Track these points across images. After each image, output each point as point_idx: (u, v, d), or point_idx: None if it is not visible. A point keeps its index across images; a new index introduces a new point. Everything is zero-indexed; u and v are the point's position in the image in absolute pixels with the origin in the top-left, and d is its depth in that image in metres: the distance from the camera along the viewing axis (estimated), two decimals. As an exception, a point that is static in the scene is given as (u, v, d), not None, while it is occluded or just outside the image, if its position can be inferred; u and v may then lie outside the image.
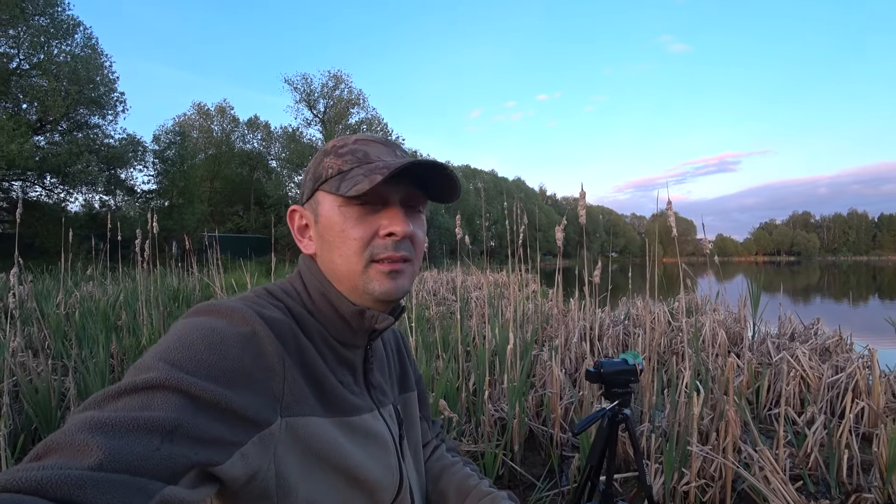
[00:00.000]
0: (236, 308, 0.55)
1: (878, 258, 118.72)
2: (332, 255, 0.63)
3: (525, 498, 2.30)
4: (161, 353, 0.48)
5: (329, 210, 0.63)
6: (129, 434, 0.40)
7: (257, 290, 0.65)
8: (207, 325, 0.52)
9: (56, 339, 3.68)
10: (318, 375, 0.59)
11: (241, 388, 0.49)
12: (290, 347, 0.57)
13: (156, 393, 0.44)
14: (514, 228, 3.84)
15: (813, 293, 16.75)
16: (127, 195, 24.31)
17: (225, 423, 0.46)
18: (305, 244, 0.68)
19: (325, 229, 0.64)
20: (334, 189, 0.62)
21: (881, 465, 2.30)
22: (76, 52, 20.23)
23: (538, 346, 4.18)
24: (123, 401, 0.43)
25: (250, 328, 0.54)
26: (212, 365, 0.48)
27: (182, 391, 0.45)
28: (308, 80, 34.79)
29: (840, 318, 5.83)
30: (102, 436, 0.39)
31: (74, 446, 0.38)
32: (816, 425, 2.60)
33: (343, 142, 0.66)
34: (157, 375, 0.45)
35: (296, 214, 0.69)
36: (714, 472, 2.18)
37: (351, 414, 0.61)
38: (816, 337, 4.29)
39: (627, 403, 1.31)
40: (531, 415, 2.97)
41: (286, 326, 0.58)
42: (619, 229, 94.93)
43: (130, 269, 8.26)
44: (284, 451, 0.52)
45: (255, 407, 0.50)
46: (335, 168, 0.63)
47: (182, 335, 0.51)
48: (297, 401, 0.55)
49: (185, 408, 0.44)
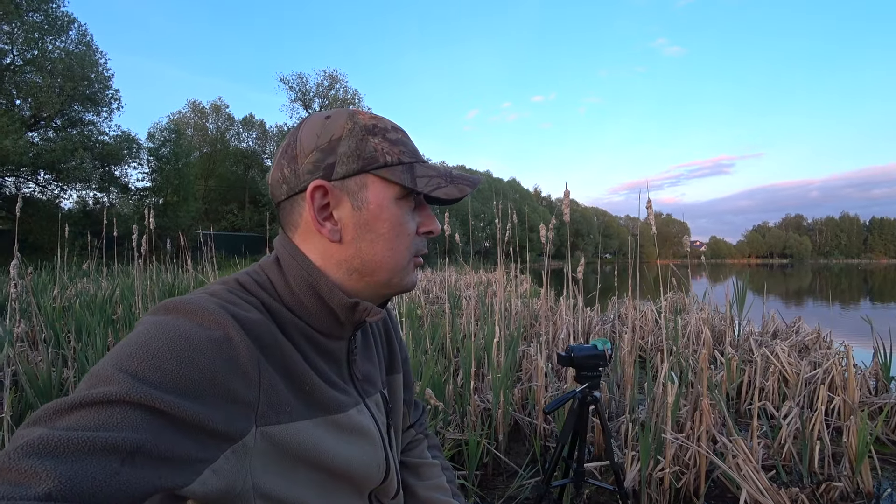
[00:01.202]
0: (207, 308, 0.50)
1: (868, 261, 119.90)
2: (376, 247, 0.59)
3: (508, 485, 2.38)
4: (121, 362, 0.43)
5: (383, 199, 0.59)
6: (84, 457, 0.36)
7: (228, 283, 0.59)
8: (175, 329, 0.47)
9: (53, 331, 3.73)
10: (299, 376, 0.56)
11: (211, 400, 0.45)
12: (268, 350, 0.53)
13: (115, 409, 0.39)
14: (503, 225, 3.93)
15: (805, 295, 16.93)
16: (121, 192, 24.25)
17: (193, 440, 0.43)
18: (330, 230, 0.59)
19: (375, 219, 0.59)
20: (405, 181, 0.58)
21: (851, 455, 2.40)
22: (70, 48, 20.20)
23: (526, 343, 4.27)
24: (77, 416, 0.38)
25: (223, 332, 0.49)
26: (179, 376, 0.43)
27: (145, 406, 0.40)
28: (303, 80, 34.93)
29: (830, 320, 5.95)
30: (52, 459, 0.35)
31: (20, 471, 0.34)
32: (791, 417, 2.69)
33: (383, 123, 0.61)
34: (117, 389, 0.40)
35: (319, 192, 0.58)
36: (689, 460, 2.27)
37: (336, 412, 0.59)
38: (797, 335, 4.40)
39: (597, 386, 1.39)
40: (517, 407, 3.06)
41: (263, 327, 0.53)
42: (613, 231, 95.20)
43: (124, 266, 8.31)
44: (261, 460, 0.50)
45: (227, 419, 0.46)
46: (394, 156, 0.59)
47: (146, 339, 0.45)
48: (274, 408, 0.51)
49: (147, 426, 0.39)
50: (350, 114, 0.60)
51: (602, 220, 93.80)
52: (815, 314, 10.48)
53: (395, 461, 0.70)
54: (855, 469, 2.35)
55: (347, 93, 35.57)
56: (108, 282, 6.45)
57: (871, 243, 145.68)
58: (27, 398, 2.54)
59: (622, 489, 1.49)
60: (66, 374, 2.83)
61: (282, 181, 0.60)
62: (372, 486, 0.65)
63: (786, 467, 2.51)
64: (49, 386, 2.59)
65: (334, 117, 0.59)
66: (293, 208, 0.60)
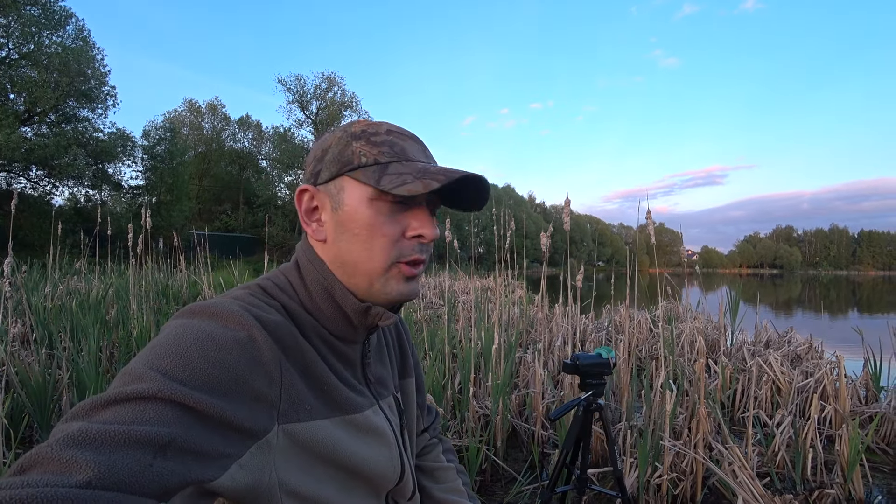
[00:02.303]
0: (232, 310, 0.52)
1: (857, 273, 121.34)
2: (353, 248, 0.60)
3: (507, 491, 2.39)
4: (153, 361, 0.46)
5: (357, 200, 0.60)
6: (120, 449, 0.38)
7: (250, 287, 0.61)
8: (202, 330, 0.49)
9: (46, 332, 3.70)
10: (318, 376, 0.58)
11: (236, 398, 0.47)
12: (289, 351, 0.55)
13: (147, 405, 0.42)
14: (502, 234, 3.95)
15: (795, 306, 17.12)
16: (113, 190, 24.07)
17: (221, 436, 0.45)
18: (315, 229, 0.63)
19: (349, 220, 0.60)
20: (372, 181, 0.58)
21: (842, 463, 2.44)
22: (67, 43, 20.07)
23: (522, 349, 4.29)
24: (113, 411, 0.41)
25: (247, 333, 0.51)
26: (207, 374, 0.46)
27: (175, 403, 0.43)
28: (301, 81, 34.86)
29: (820, 330, 6.04)
30: (91, 451, 0.37)
31: (62, 461, 0.36)
32: (784, 426, 2.73)
33: (374, 128, 0.62)
34: (149, 386, 0.43)
35: (306, 195, 0.63)
36: (686, 467, 2.29)
37: (353, 412, 0.61)
38: (789, 344, 4.46)
39: (601, 394, 1.41)
40: (514, 413, 3.07)
41: (284, 329, 0.56)
42: (606, 238, 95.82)
43: (117, 265, 8.24)
44: (284, 457, 0.52)
45: (252, 416, 0.48)
46: (370, 157, 0.59)
47: (175, 340, 0.48)
48: (295, 407, 0.54)
49: (178, 421, 0.42)
50: (347, 125, 0.63)
51: (595, 227, 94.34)
52: (806, 324, 10.60)
53: (409, 462, 0.71)
54: (847, 477, 2.39)
55: (345, 96, 35.56)
56: (101, 281, 6.39)
57: (859, 255, 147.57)
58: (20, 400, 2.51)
59: (626, 495, 1.51)
60: (59, 375, 2.80)
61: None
62: (388, 487, 0.66)
63: (779, 474, 2.55)
64: (43, 388, 2.55)
65: (335, 130, 0.64)
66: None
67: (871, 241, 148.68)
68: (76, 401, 2.59)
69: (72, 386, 2.70)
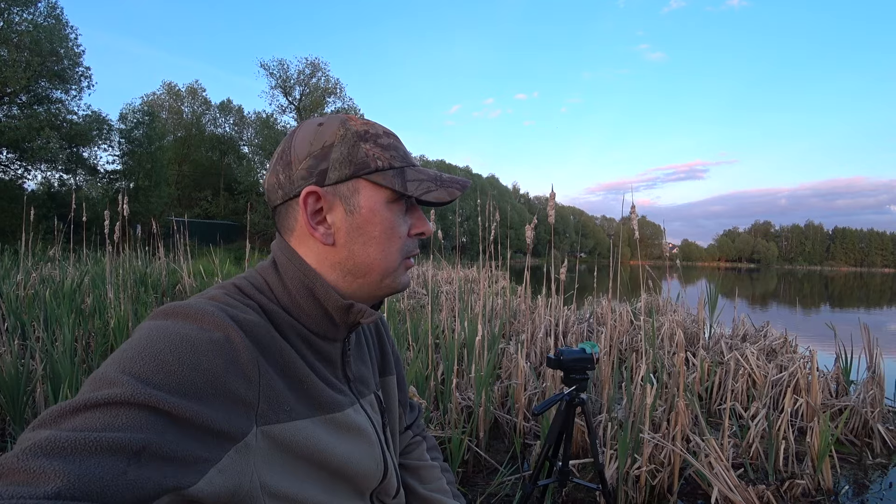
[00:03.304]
0: (207, 311, 0.51)
1: (830, 269, 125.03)
2: (369, 250, 0.61)
3: (489, 482, 2.41)
4: (125, 365, 0.44)
5: (375, 203, 0.60)
6: (91, 457, 0.36)
7: (226, 287, 0.60)
8: (176, 332, 0.48)
9: (18, 321, 3.59)
10: (297, 376, 0.57)
11: (212, 401, 0.46)
12: (267, 351, 0.54)
13: (120, 410, 0.40)
14: (486, 225, 3.95)
15: (770, 300, 17.55)
16: (89, 175, 23.40)
17: (197, 440, 0.43)
18: (322, 233, 0.60)
19: (367, 222, 0.60)
20: (395, 185, 0.60)
21: (813, 454, 2.52)
22: (39, 21, 19.29)
23: (505, 340, 4.32)
24: (83, 418, 0.39)
25: (223, 334, 0.50)
26: (181, 377, 0.45)
27: (149, 408, 0.41)
28: (284, 66, 34.14)
29: (794, 324, 6.19)
30: (60, 460, 0.35)
31: (29, 471, 0.34)
32: (758, 419, 2.80)
33: (375, 129, 0.62)
34: (122, 391, 0.41)
35: (312, 197, 0.59)
36: (664, 459, 2.34)
37: (333, 410, 0.60)
38: (765, 339, 4.57)
39: (584, 389, 1.43)
40: (497, 404, 3.10)
41: (261, 329, 0.55)
42: (589, 230, 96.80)
43: (93, 252, 8.04)
44: (264, 459, 0.51)
45: (229, 419, 0.47)
46: (384, 161, 0.60)
47: (148, 343, 0.46)
48: (274, 407, 0.52)
49: (152, 426, 0.40)
50: (342, 120, 0.61)
51: (579, 219, 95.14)
52: (781, 317, 10.90)
53: (393, 460, 0.71)
54: (817, 467, 2.47)
55: (329, 82, 34.93)
56: (76, 268, 6.23)
57: (833, 251, 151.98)
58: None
59: (605, 487, 1.54)
60: (33, 366, 2.73)
61: (277, 186, 0.61)
62: (372, 486, 0.66)
63: (753, 465, 2.62)
64: (15, 379, 2.49)
65: (327, 124, 0.61)
66: (288, 213, 0.62)
67: (844, 238, 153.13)
68: (51, 393, 2.53)
69: (46, 378, 2.63)
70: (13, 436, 2.47)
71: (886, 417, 3.34)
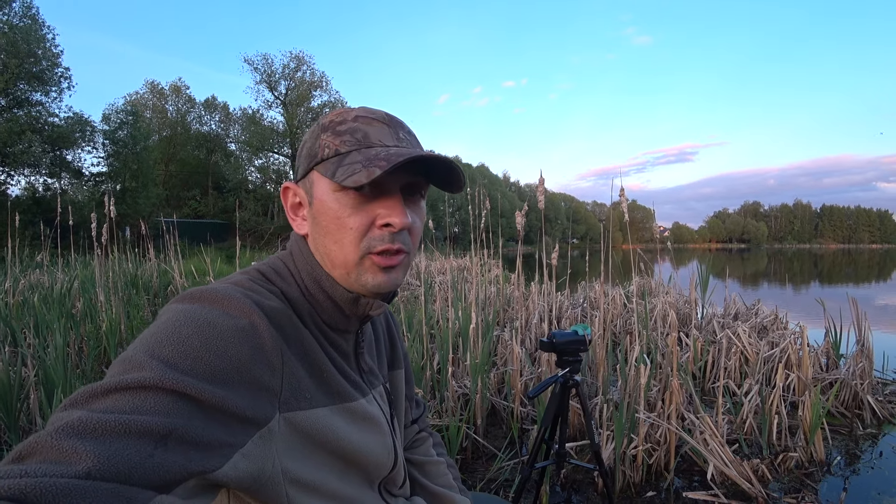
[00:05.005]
0: (233, 297, 0.52)
1: (819, 246, 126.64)
2: (326, 241, 0.60)
3: (488, 468, 2.43)
4: (153, 348, 0.45)
5: (324, 193, 0.59)
6: (120, 439, 0.37)
7: (249, 272, 0.61)
8: (202, 317, 0.49)
9: (9, 328, 3.55)
10: (317, 364, 0.58)
11: (238, 387, 0.47)
12: (290, 338, 0.55)
13: (148, 394, 0.41)
14: (477, 213, 3.95)
15: (761, 278, 17.75)
16: (74, 178, 23.04)
17: (222, 425, 0.44)
18: (299, 224, 0.64)
19: (319, 213, 0.60)
20: (329, 173, 0.58)
21: (805, 428, 2.56)
22: (14, 21, 18.86)
23: (500, 327, 4.34)
24: (113, 400, 0.40)
25: (248, 320, 0.51)
26: (208, 363, 0.45)
27: (177, 393, 0.42)
28: (269, 61, 33.69)
29: (785, 301, 6.27)
30: (91, 440, 0.36)
31: (61, 450, 0.35)
32: (751, 395, 2.85)
33: (342, 117, 0.61)
34: (150, 375, 0.42)
35: (289, 192, 0.65)
36: (659, 437, 2.37)
37: (349, 400, 0.61)
38: (756, 316, 4.62)
39: (578, 370, 1.44)
40: (493, 391, 3.12)
41: (285, 316, 0.56)
42: (581, 216, 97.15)
43: (80, 256, 7.94)
44: (285, 445, 0.52)
45: (254, 405, 0.48)
46: (332, 148, 0.59)
47: (175, 327, 0.47)
48: (295, 395, 0.53)
49: (179, 411, 0.41)
50: (324, 116, 0.64)
51: (570, 205, 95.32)
52: (771, 295, 11.02)
53: (401, 450, 0.73)
54: (809, 440, 2.51)
55: (315, 75, 34.54)
56: (65, 273, 6.16)
57: (821, 229, 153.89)
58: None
59: (603, 467, 1.56)
60: (25, 373, 2.70)
61: None
62: (383, 474, 0.67)
63: (747, 440, 2.66)
64: (7, 387, 2.46)
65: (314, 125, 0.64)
66: None
67: (832, 216, 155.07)
68: (45, 400, 2.51)
69: (39, 384, 2.60)
70: (9, 444, 2.45)
71: (875, 389, 3.40)
